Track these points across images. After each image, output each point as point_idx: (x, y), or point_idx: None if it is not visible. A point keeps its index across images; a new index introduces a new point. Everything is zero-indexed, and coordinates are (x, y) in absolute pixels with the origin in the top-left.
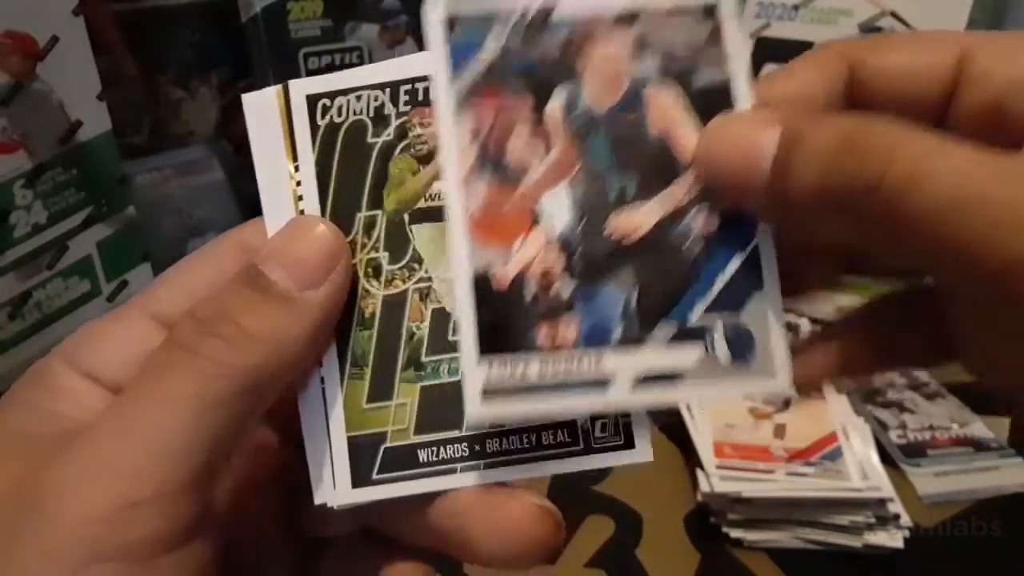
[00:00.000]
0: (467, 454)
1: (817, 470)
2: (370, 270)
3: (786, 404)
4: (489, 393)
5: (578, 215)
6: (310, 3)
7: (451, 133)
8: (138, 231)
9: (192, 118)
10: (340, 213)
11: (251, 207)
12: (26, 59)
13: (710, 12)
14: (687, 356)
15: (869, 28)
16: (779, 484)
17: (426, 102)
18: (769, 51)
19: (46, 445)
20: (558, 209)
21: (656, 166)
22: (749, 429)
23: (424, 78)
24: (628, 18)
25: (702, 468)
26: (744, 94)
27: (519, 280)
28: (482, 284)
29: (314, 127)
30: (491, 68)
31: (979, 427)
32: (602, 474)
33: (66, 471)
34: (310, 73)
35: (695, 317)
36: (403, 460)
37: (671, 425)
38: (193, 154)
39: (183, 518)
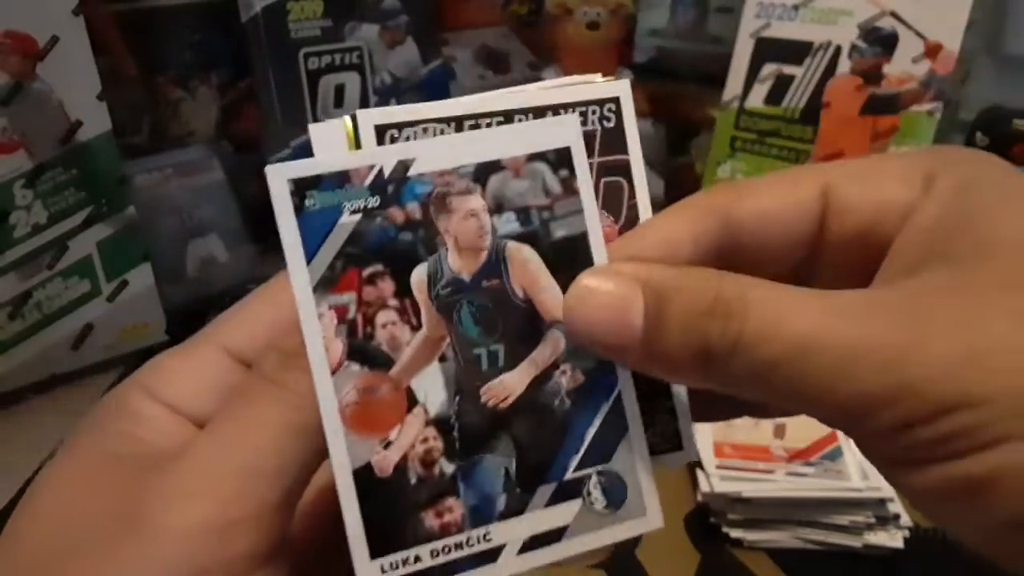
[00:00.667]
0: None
1: (817, 470)
2: None
3: None
4: None
5: (452, 390)
6: (310, 3)
7: (314, 324)
8: (138, 231)
9: (192, 118)
10: None
11: (250, 207)
12: (26, 59)
13: (564, 157)
14: (567, 512)
15: (869, 28)
16: (779, 484)
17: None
18: (769, 51)
19: (140, 464)
20: (432, 387)
21: (522, 329)
22: (749, 429)
23: (490, 115)
24: (484, 171)
25: (702, 468)
26: (599, 247)
27: (401, 465)
28: (364, 476)
29: None
30: (350, 240)
31: None
32: None
33: (166, 487)
34: (309, 73)
35: (570, 474)
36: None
37: None
38: (193, 154)
39: (274, 537)
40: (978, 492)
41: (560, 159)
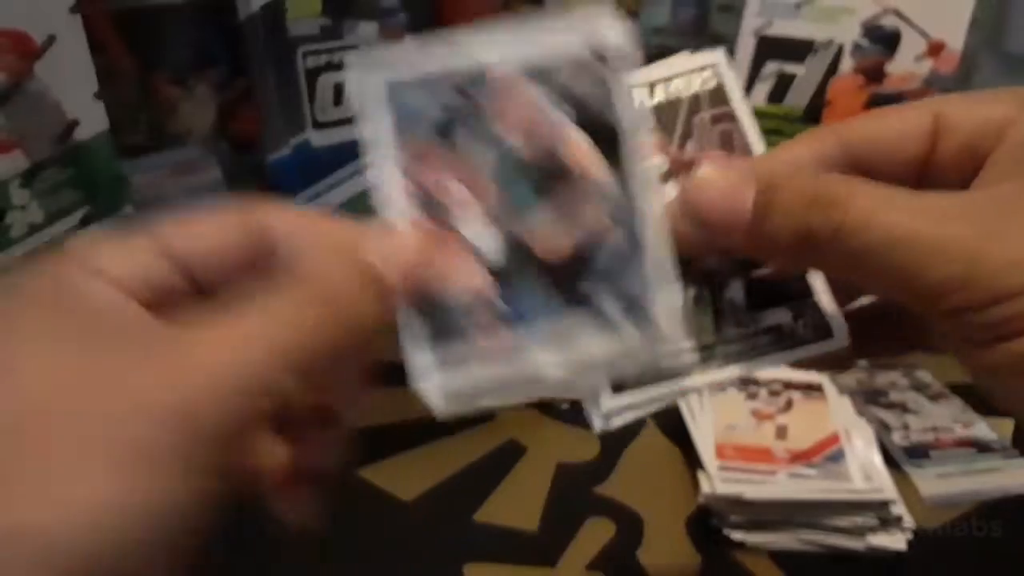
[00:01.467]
0: (699, 360)
1: (819, 472)
2: None
3: (788, 405)
4: (450, 394)
5: (509, 246)
6: (308, 1)
7: (396, 188)
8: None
9: (189, 117)
10: None
11: None
12: (22, 58)
13: (602, 60)
14: (603, 342)
15: (871, 26)
16: (781, 486)
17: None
18: (771, 49)
19: (106, 329)
20: (489, 242)
21: (571, 196)
22: (751, 430)
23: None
24: (544, 73)
25: (703, 470)
26: (647, 137)
27: (459, 301)
28: (427, 311)
29: None
30: (427, 126)
31: (982, 428)
32: (603, 474)
33: (206, 336)
34: (308, 72)
35: (609, 311)
36: (650, 371)
37: (672, 426)
38: (191, 153)
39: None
40: None
41: (600, 60)
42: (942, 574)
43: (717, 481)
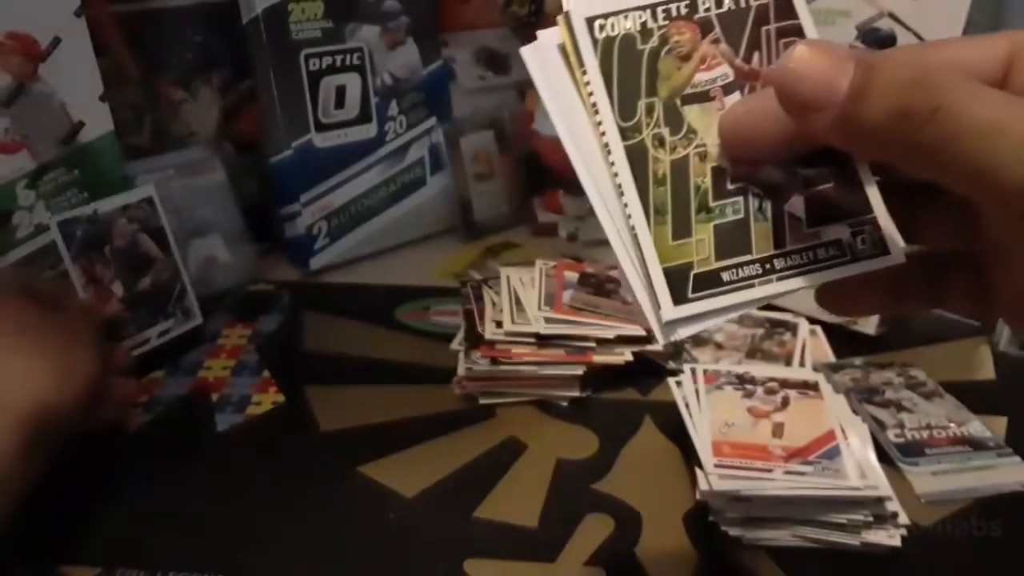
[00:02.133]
0: (760, 272)
1: (815, 469)
2: (656, 142)
3: (784, 403)
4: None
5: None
6: (311, 4)
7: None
8: None
9: (193, 119)
10: (624, 101)
11: (252, 207)
12: (28, 60)
13: None
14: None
15: (867, 29)
16: (777, 483)
17: (679, 16)
18: None
19: None
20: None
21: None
22: (748, 428)
23: (677, 0)
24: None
25: (701, 467)
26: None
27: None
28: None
29: (594, 40)
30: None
31: (976, 426)
32: (602, 471)
33: None
34: (310, 74)
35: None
36: (710, 281)
37: (670, 424)
38: (194, 155)
39: None
40: None
41: None
42: (936, 570)
43: (714, 478)
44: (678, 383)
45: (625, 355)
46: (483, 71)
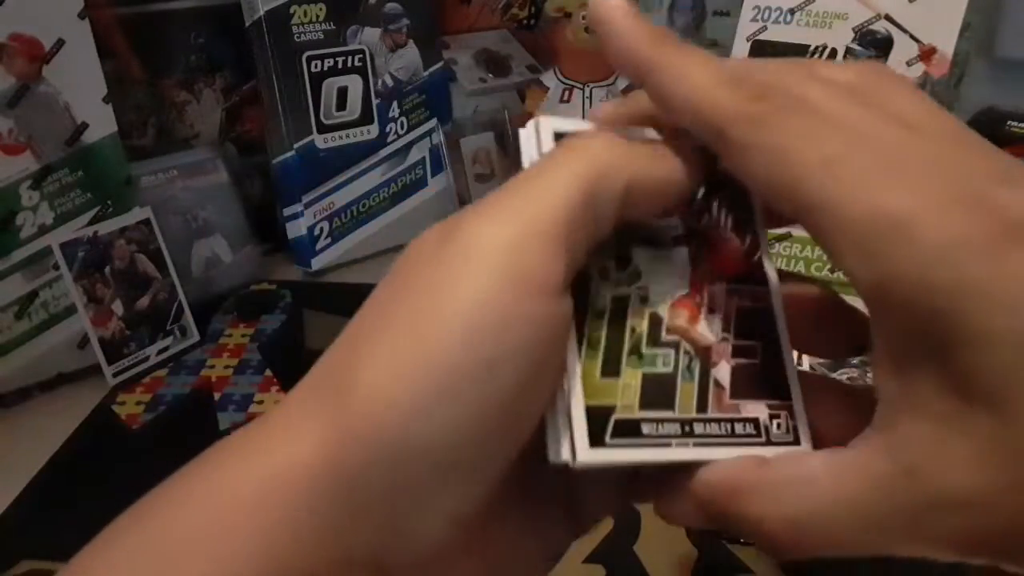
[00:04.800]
0: (679, 432)
1: None
2: (603, 272)
3: None
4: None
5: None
6: (313, 7)
7: None
8: None
9: (197, 120)
10: None
11: (254, 209)
12: (32, 62)
13: None
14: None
15: (863, 31)
16: None
17: None
18: (765, 54)
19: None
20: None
21: None
22: None
23: None
24: None
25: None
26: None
27: None
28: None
29: None
30: None
31: None
32: None
33: (471, 213)
34: (312, 76)
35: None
36: (630, 430)
37: None
38: (198, 156)
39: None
40: None
41: None
42: (934, 569)
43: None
44: None
45: None
46: (483, 73)
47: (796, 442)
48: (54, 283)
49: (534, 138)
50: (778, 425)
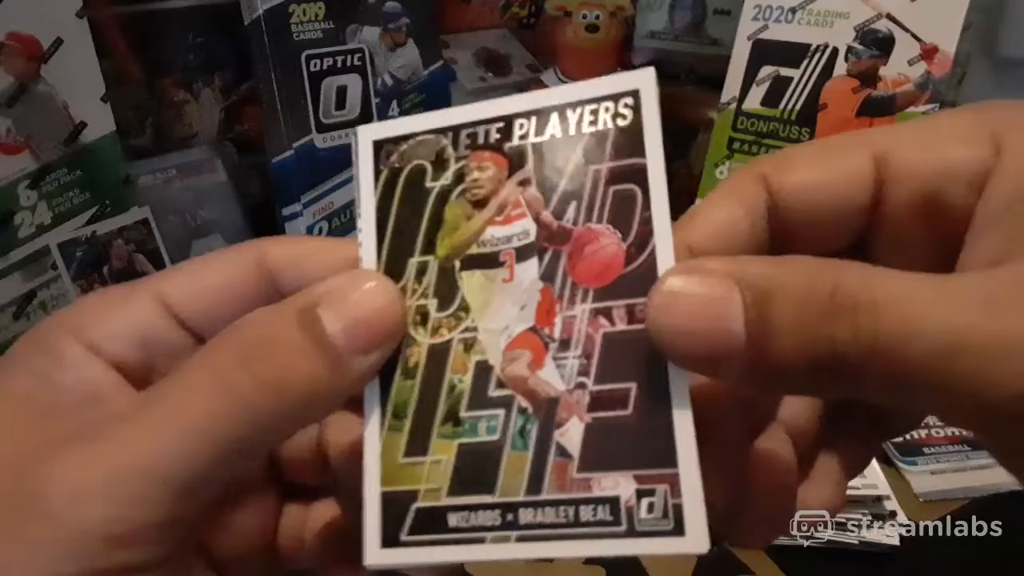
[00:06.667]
0: (497, 523)
1: None
2: (418, 317)
3: None
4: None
5: None
6: (312, 6)
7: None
8: None
9: (195, 120)
10: (395, 256)
11: (253, 208)
12: (30, 61)
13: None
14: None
15: (865, 30)
16: None
17: (487, 144)
18: (766, 53)
19: (55, 427)
20: None
21: None
22: None
23: (487, 121)
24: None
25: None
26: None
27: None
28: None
29: (377, 171)
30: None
31: None
32: None
33: (71, 475)
34: (311, 75)
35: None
36: (433, 523)
37: None
38: (196, 155)
39: (171, 547)
40: None
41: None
42: (934, 569)
43: None
44: None
45: None
46: (483, 72)
47: (677, 531)
48: (52, 283)
49: (356, 149)
50: (650, 507)
